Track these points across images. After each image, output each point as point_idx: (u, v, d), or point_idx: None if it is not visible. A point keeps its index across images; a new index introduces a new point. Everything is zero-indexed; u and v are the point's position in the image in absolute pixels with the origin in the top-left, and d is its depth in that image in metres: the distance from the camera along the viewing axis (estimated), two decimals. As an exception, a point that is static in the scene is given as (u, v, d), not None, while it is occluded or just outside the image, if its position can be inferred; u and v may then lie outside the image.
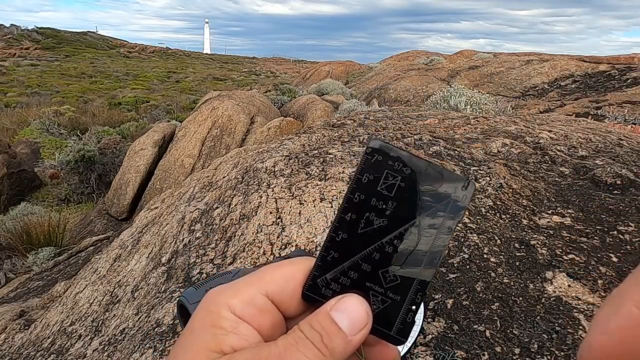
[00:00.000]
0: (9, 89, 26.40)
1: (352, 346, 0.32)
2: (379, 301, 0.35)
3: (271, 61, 74.38)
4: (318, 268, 0.36)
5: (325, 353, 0.32)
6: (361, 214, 0.35)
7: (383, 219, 0.35)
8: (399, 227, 0.35)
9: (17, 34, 54.74)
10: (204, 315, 0.34)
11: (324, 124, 3.51)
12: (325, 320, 0.33)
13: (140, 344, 1.72)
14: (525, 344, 1.21)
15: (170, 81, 37.21)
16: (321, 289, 0.35)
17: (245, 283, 0.35)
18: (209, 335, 0.32)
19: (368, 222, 0.35)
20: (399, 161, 0.35)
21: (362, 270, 0.35)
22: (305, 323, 0.33)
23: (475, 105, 6.24)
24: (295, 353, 0.31)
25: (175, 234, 2.45)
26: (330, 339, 0.32)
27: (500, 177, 2.07)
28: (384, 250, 0.35)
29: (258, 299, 0.34)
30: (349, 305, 0.34)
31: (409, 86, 14.62)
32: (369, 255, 0.35)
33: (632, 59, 12.78)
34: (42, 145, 12.36)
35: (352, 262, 0.35)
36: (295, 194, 2.19)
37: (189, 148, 7.74)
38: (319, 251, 0.36)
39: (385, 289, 0.35)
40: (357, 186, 0.35)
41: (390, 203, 0.35)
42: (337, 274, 0.35)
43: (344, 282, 0.35)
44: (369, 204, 0.35)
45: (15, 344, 2.67)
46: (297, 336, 0.32)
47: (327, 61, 28.02)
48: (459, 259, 1.59)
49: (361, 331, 0.33)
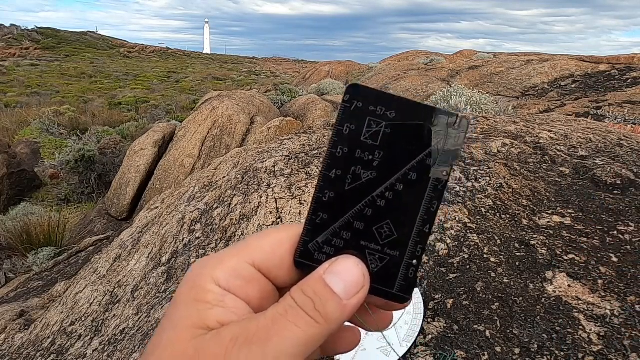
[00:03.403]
0: (9, 89, 26.39)
1: (348, 311, 0.30)
2: (376, 259, 0.33)
3: (271, 61, 74.38)
4: (308, 232, 0.33)
5: (319, 320, 0.29)
6: (347, 168, 0.33)
7: (371, 171, 0.32)
8: (389, 178, 0.32)
9: (17, 34, 54.74)
10: (187, 289, 0.31)
11: (324, 124, 3.51)
12: (318, 285, 0.30)
13: (140, 344, 1.72)
14: (525, 344, 1.21)
15: (170, 81, 37.21)
16: (313, 254, 0.33)
17: (229, 253, 0.33)
18: (194, 310, 0.30)
19: (355, 176, 0.33)
20: (382, 105, 0.32)
21: (354, 229, 0.33)
22: (297, 289, 0.31)
23: (475, 105, 6.24)
24: (286, 324, 0.29)
25: (175, 234, 2.45)
26: (323, 305, 0.29)
27: (500, 177, 2.07)
28: (375, 204, 0.33)
29: (244, 269, 0.32)
30: (343, 266, 0.31)
31: (409, 86, 14.63)
32: (360, 212, 0.33)
33: (632, 59, 12.78)
34: (42, 145, 12.35)
35: (343, 222, 0.33)
36: (295, 194, 2.19)
37: (189, 148, 7.74)
38: (307, 214, 0.33)
39: (382, 246, 0.33)
40: (338, 139, 0.32)
41: (377, 153, 0.32)
42: (329, 237, 0.33)
43: (337, 244, 0.33)
44: (354, 157, 0.32)
45: (15, 344, 2.67)
46: (287, 304, 0.30)
47: (327, 61, 28.01)
48: (459, 259, 1.59)
49: (358, 294, 0.30)
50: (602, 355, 1.14)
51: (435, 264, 1.60)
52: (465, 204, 1.91)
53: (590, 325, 1.23)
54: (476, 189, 2.02)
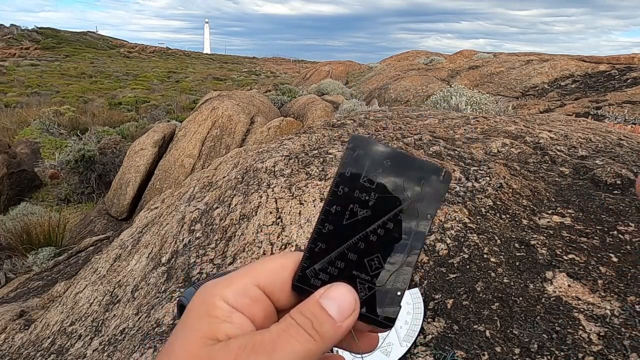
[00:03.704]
0: (9, 89, 26.39)
1: (341, 331, 0.34)
2: (365, 288, 0.37)
3: (271, 61, 74.37)
4: (306, 259, 0.37)
5: (316, 338, 0.33)
6: (346, 205, 0.37)
7: (366, 210, 0.37)
8: (382, 217, 0.37)
9: (17, 34, 54.74)
10: (199, 305, 0.35)
11: (324, 124, 3.51)
12: (315, 307, 0.34)
13: (140, 344, 1.72)
14: (525, 344, 1.21)
15: (170, 81, 37.20)
16: (310, 279, 0.37)
17: (238, 275, 0.36)
18: (204, 323, 0.34)
19: (352, 213, 0.37)
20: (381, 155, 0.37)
21: (348, 259, 0.37)
22: (296, 311, 0.35)
23: (475, 105, 6.24)
24: (288, 338, 0.33)
25: (175, 234, 2.45)
26: (320, 325, 0.33)
27: (500, 177, 2.07)
28: (368, 239, 0.37)
29: (251, 290, 0.36)
30: (337, 292, 0.35)
31: (409, 86, 14.63)
32: (354, 245, 0.37)
33: (632, 59, 12.78)
34: (42, 145, 12.35)
35: (338, 252, 0.37)
36: (295, 194, 2.19)
37: (189, 148, 7.74)
38: (307, 243, 0.38)
39: (371, 276, 0.37)
40: (340, 179, 0.37)
41: (373, 194, 0.37)
42: (325, 264, 0.37)
43: (331, 272, 0.37)
44: (353, 196, 0.37)
45: (15, 344, 2.67)
46: (288, 323, 0.34)
47: (327, 61, 28.01)
48: (459, 259, 1.59)
49: (350, 317, 0.34)
50: (602, 355, 1.14)
51: (435, 264, 1.60)
52: (465, 204, 1.91)
53: (590, 325, 1.23)
54: (476, 189, 2.01)
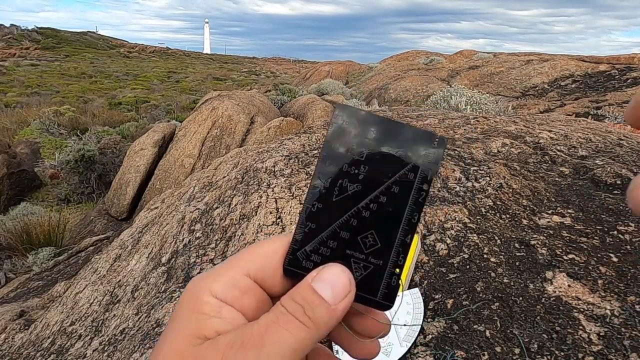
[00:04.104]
0: (9, 89, 26.39)
1: (336, 315, 0.32)
2: (361, 267, 0.35)
3: (271, 61, 74.37)
4: (296, 241, 0.35)
5: (308, 325, 0.31)
6: (334, 181, 0.35)
7: (357, 184, 0.35)
8: (373, 190, 0.35)
9: (17, 34, 54.74)
10: (186, 301, 0.33)
11: (324, 124, 3.51)
12: (307, 291, 0.32)
13: (140, 344, 1.72)
14: (525, 344, 1.21)
15: (170, 81, 37.20)
16: (302, 262, 0.35)
17: (226, 266, 0.35)
18: (192, 320, 0.32)
19: (342, 189, 0.35)
20: (367, 124, 0.35)
21: (341, 238, 0.35)
22: (287, 297, 0.33)
23: (475, 105, 6.24)
24: (278, 329, 0.31)
25: (175, 234, 2.45)
26: (312, 310, 0.31)
27: (500, 177, 2.07)
28: (360, 215, 0.35)
29: (240, 280, 0.34)
30: (330, 274, 0.33)
31: (409, 86, 14.63)
32: (346, 222, 0.35)
33: (632, 59, 12.78)
34: (42, 145, 12.35)
35: (330, 231, 0.35)
36: (295, 194, 2.19)
37: (189, 148, 7.74)
38: (296, 224, 0.36)
39: (366, 255, 0.35)
40: (327, 154, 0.35)
41: (362, 167, 0.35)
42: (317, 245, 0.35)
43: (324, 253, 0.35)
44: (341, 171, 0.35)
45: (15, 344, 2.67)
46: (278, 312, 0.32)
47: (327, 61, 28.01)
48: (459, 259, 1.59)
49: (344, 299, 0.32)
50: (602, 355, 1.14)
51: (435, 264, 1.60)
52: (465, 204, 1.91)
53: (590, 325, 1.23)
54: (476, 189, 2.01)
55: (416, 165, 0.34)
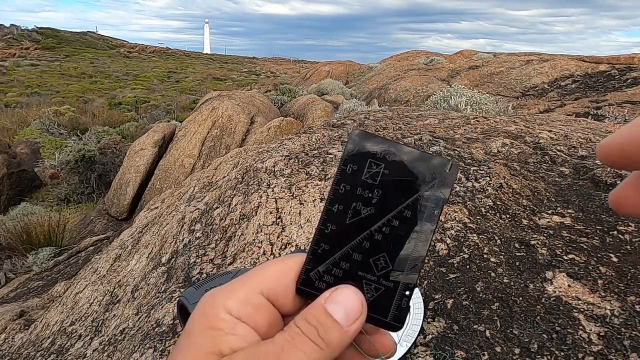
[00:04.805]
0: (9, 89, 26.38)
1: (348, 336, 0.32)
2: (372, 289, 0.36)
3: (271, 61, 74.37)
4: (310, 262, 0.36)
5: (322, 346, 0.32)
6: (348, 204, 0.36)
7: (370, 208, 0.35)
8: (386, 214, 0.35)
9: (17, 34, 54.73)
10: (200, 318, 0.34)
11: (324, 124, 3.51)
12: (320, 313, 0.33)
13: (140, 344, 1.72)
14: (525, 344, 1.21)
15: (170, 81, 37.20)
16: (314, 282, 0.36)
17: (240, 283, 0.35)
18: (207, 337, 0.33)
19: (355, 211, 0.36)
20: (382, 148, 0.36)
21: (353, 260, 0.36)
22: (301, 317, 0.33)
23: (475, 105, 6.24)
24: (293, 350, 0.31)
25: (175, 234, 2.45)
26: (326, 332, 0.32)
27: (500, 177, 2.07)
28: (373, 238, 0.35)
29: (254, 298, 0.34)
30: (343, 296, 0.34)
31: (409, 86, 14.62)
32: (359, 245, 0.36)
33: (632, 59, 12.78)
34: (42, 145, 12.35)
35: (343, 253, 0.36)
36: (295, 194, 2.19)
37: (189, 148, 7.74)
38: (310, 245, 0.36)
39: (378, 277, 0.36)
40: (341, 177, 0.36)
41: (376, 191, 0.35)
42: (329, 266, 0.36)
43: (336, 274, 0.36)
44: (355, 194, 0.35)
45: (15, 344, 2.67)
46: (293, 332, 0.32)
47: (327, 61, 28.00)
48: (459, 259, 1.59)
49: (357, 321, 0.33)
50: (602, 355, 1.14)
51: (435, 264, 1.60)
52: (465, 204, 1.91)
53: (590, 325, 1.23)
54: (476, 189, 2.01)
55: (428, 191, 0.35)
